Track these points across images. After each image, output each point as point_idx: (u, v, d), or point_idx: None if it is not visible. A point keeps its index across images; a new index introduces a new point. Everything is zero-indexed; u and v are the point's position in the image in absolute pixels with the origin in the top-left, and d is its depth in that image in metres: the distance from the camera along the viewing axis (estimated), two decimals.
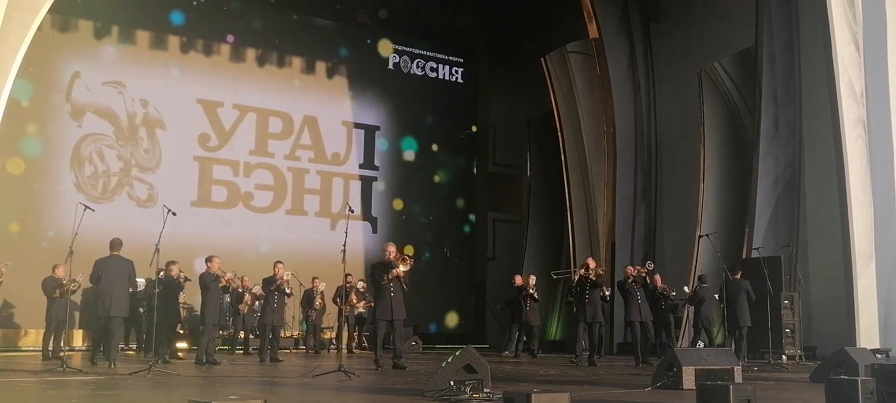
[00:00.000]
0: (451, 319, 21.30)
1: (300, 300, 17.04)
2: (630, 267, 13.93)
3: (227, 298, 15.65)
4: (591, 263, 13.67)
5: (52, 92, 16.76)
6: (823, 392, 5.75)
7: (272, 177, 19.14)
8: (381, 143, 20.87)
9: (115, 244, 11.30)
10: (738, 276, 13.70)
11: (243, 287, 15.46)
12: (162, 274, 13.31)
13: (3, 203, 15.93)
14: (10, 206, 16.03)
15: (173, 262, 12.76)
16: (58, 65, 16.84)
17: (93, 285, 11.62)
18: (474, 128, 22.49)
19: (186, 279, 13.33)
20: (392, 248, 11.63)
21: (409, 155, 21.23)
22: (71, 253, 10.47)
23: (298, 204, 19.46)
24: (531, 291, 16.20)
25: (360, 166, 20.48)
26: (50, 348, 12.62)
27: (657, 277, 14.20)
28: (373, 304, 17.07)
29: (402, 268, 11.38)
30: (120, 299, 11.17)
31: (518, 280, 16.89)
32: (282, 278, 13.44)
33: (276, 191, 19.19)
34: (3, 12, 11.51)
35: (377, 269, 11.52)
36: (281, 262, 13.69)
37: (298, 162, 19.55)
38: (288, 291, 13.84)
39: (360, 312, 17.13)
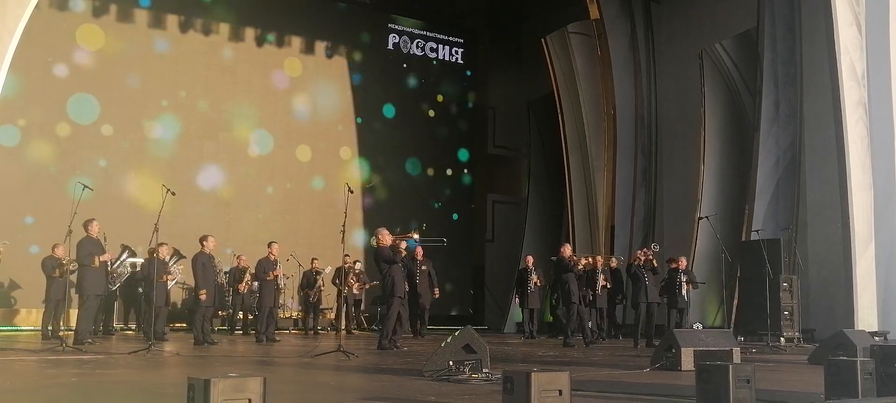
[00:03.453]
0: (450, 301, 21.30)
1: (299, 281, 17.05)
2: (639, 252, 13.98)
3: (226, 278, 15.71)
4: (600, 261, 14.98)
5: (51, 72, 16.69)
6: (822, 374, 5.74)
7: (271, 156, 19.10)
8: (386, 109, 20.82)
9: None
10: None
11: (241, 266, 15.46)
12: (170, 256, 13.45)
13: (14, 186, 15.93)
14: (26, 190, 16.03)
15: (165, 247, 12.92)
16: (54, 43, 16.75)
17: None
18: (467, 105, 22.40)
19: (181, 256, 13.43)
20: (386, 234, 11.55)
21: (408, 134, 21.15)
22: (70, 232, 10.46)
23: (297, 184, 19.42)
24: (535, 277, 16.22)
25: (360, 146, 20.43)
26: (49, 327, 12.64)
27: (682, 260, 14.24)
28: (368, 286, 17.17)
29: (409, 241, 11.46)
30: (82, 277, 11.27)
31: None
32: (280, 268, 13.47)
33: (275, 171, 19.15)
34: None
35: (385, 251, 11.39)
36: (275, 242, 13.70)
37: (298, 142, 19.50)
38: (281, 285, 13.87)
39: (357, 294, 17.14)
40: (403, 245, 11.41)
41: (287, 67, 19.56)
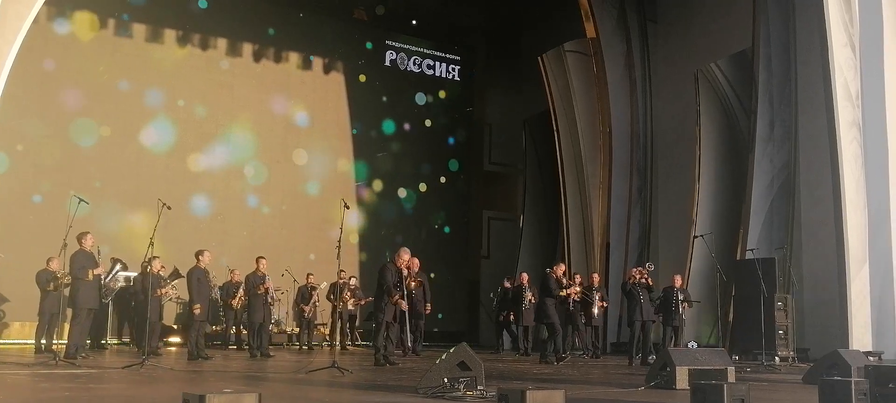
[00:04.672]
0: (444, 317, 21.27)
1: (295, 297, 17.01)
2: (634, 270, 13.99)
3: (219, 293, 15.66)
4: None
5: (47, 84, 16.69)
6: (816, 394, 5.75)
7: (267, 171, 19.10)
8: (386, 125, 20.87)
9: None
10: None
11: (234, 281, 15.42)
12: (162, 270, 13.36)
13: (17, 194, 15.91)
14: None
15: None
16: (53, 57, 16.77)
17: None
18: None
19: (179, 275, 13.36)
20: (406, 255, 11.53)
21: (404, 150, 21.19)
22: (64, 246, 10.43)
23: (293, 199, 19.42)
24: (530, 294, 16.13)
25: (356, 162, 20.45)
26: (43, 341, 12.58)
27: (677, 278, 14.23)
28: (364, 302, 17.13)
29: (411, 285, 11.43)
30: (75, 290, 11.17)
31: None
32: (270, 280, 13.43)
33: (271, 187, 19.15)
34: None
35: (390, 273, 11.37)
36: (263, 257, 13.65)
37: (294, 157, 19.51)
38: (271, 299, 13.78)
39: (351, 310, 17.11)
40: (404, 305, 11.39)
41: (284, 83, 19.59)
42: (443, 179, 21.84)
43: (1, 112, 12.15)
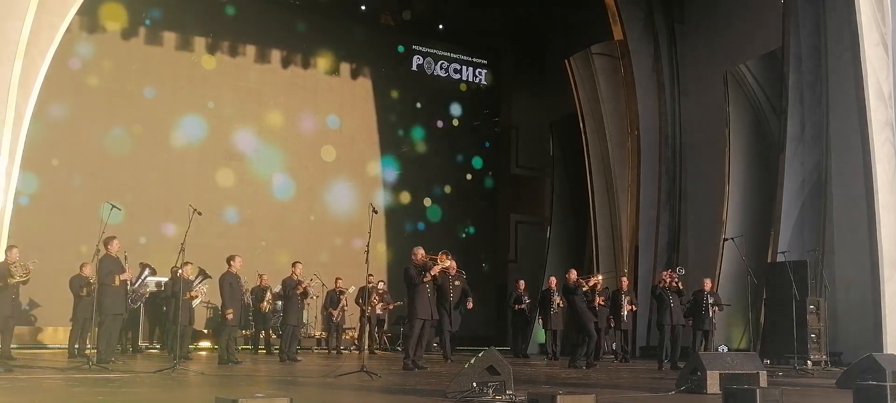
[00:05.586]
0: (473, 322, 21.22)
1: (324, 301, 17.09)
2: (664, 273, 13.89)
3: (249, 297, 15.78)
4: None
5: (84, 94, 16.92)
6: (851, 398, 5.67)
7: (295, 176, 19.23)
8: (415, 131, 20.95)
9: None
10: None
11: (263, 286, 15.52)
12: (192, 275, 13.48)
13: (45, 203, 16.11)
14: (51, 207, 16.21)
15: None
16: (84, 68, 16.99)
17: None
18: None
19: (207, 276, 13.46)
20: (420, 251, 11.58)
21: (431, 155, 21.22)
22: (97, 252, 10.56)
23: (322, 204, 19.52)
24: (558, 298, 16.04)
25: (384, 166, 20.52)
26: (76, 346, 12.74)
27: (707, 281, 14.08)
28: (392, 306, 17.23)
29: (447, 264, 11.42)
30: (101, 296, 11.10)
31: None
32: (307, 281, 13.51)
33: (300, 191, 19.26)
34: (32, 15, 11.64)
35: (413, 269, 11.39)
36: (299, 262, 13.73)
37: (322, 162, 19.62)
38: (310, 293, 13.87)
39: (380, 314, 17.18)
40: (437, 268, 11.38)
41: (312, 89, 19.71)
42: (469, 176, 21.86)
43: (34, 128, 12.32)
